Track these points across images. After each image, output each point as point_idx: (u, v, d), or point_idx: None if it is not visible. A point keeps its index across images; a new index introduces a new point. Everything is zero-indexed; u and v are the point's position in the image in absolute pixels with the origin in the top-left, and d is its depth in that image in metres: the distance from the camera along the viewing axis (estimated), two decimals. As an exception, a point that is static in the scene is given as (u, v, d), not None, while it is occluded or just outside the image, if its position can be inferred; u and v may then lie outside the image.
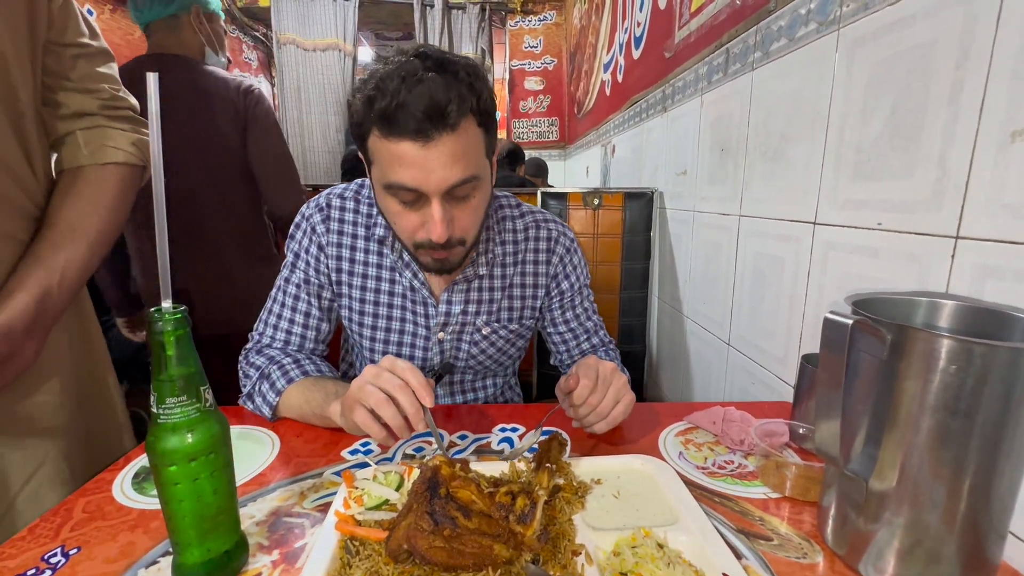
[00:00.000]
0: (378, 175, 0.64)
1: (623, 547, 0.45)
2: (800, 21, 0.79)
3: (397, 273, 0.78)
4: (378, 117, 0.58)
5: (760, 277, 0.94)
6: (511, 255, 0.81)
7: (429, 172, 0.59)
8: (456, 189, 0.62)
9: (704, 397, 1.24)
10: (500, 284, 0.81)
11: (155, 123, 0.37)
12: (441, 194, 0.61)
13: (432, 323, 0.80)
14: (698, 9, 1.22)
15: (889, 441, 0.42)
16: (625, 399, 0.64)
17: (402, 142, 0.58)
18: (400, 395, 0.52)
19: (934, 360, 0.38)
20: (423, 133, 0.57)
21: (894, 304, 0.49)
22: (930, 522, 0.41)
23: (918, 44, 0.57)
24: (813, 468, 0.54)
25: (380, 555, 0.43)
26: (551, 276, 0.84)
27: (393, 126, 0.57)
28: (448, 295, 0.78)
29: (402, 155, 0.58)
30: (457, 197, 0.63)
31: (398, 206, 0.64)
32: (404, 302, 0.79)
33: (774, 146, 0.88)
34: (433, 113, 0.56)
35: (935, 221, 0.55)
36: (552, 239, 0.84)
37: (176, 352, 0.38)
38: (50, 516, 0.52)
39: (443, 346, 0.82)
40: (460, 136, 0.59)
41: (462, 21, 3.40)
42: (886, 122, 0.62)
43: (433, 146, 0.58)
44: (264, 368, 0.74)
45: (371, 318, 0.80)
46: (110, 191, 0.68)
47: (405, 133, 0.57)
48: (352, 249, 0.78)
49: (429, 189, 0.60)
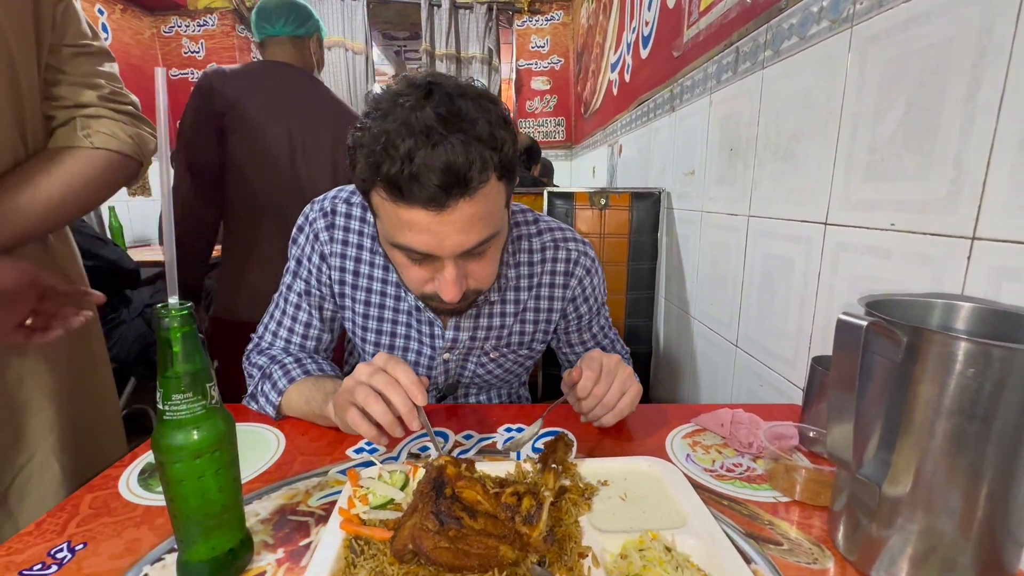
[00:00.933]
0: (384, 231, 0.58)
1: (630, 550, 0.44)
2: (812, 19, 0.78)
3: (403, 290, 0.73)
4: (386, 182, 0.51)
5: (769, 278, 0.93)
6: (526, 278, 0.75)
7: (443, 239, 0.53)
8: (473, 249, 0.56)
9: (711, 399, 1.23)
10: (512, 309, 0.75)
11: (163, 119, 0.37)
12: (456, 256, 0.56)
13: (438, 344, 0.76)
14: (707, 8, 1.21)
15: (903, 446, 0.41)
16: (631, 390, 0.63)
17: (413, 209, 0.51)
18: (391, 393, 0.51)
19: (951, 363, 0.37)
20: (437, 202, 0.50)
21: (909, 306, 0.48)
22: (945, 529, 0.40)
23: (934, 42, 0.56)
24: (823, 472, 0.54)
25: (385, 555, 0.43)
26: (568, 300, 0.78)
27: (404, 194, 0.50)
28: (456, 321, 0.74)
29: (412, 222, 0.52)
30: (473, 254, 0.57)
31: (405, 260, 0.58)
32: (409, 320, 0.75)
33: (784, 145, 0.87)
34: (451, 182, 0.49)
35: (951, 222, 0.54)
36: (571, 260, 0.77)
37: (182, 349, 0.38)
38: (57, 511, 0.52)
39: (448, 366, 0.78)
40: (479, 199, 0.52)
41: (469, 21, 3.40)
42: (900, 121, 0.61)
43: (448, 213, 0.51)
44: (266, 368, 0.73)
45: (374, 334, 0.76)
46: (92, 172, 0.67)
47: (417, 202, 0.50)
48: (357, 261, 0.73)
49: (443, 254, 0.55)
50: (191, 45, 3.42)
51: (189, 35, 3.41)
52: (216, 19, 3.39)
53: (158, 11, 3.34)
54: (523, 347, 0.79)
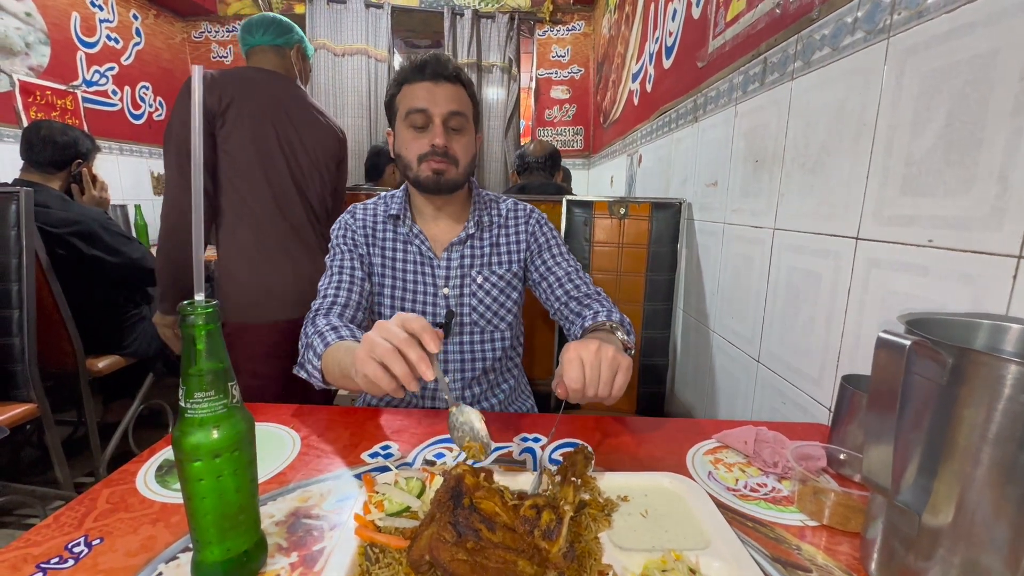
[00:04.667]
0: (401, 113, 0.89)
1: (653, 570, 0.43)
2: (846, 30, 0.77)
3: (409, 244, 0.97)
4: (408, 71, 0.88)
5: (795, 293, 0.91)
6: (495, 222, 1.01)
7: (436, 99, 0.86)
8: (451, 119, 0.87)
9: (730, 415, 1.20)
10: (488, 242, 1.00)
11: (197, 113, 0.37)
12: (442, 117, 0.86)
13: (438, 279, 0.96)
14: (734, 18, 1.20)
15: (946, 472, 0.39)
16: (622, 368, 0.61)
17: (420, 83, 0.87)
18: (405, 346, 0.54)
19: (1000, 387, 0.35)
20: (434, 77, 0.86)
21: (951, 325, 0.46)
22: (990, 564, 0.37)
23: (978, 53, 0.54)
24: (853, 496, 0.51)
25: (401, 564, 0.42)
26: (529, 233, 1.03)
27: (416, 74, 0.87)
28: (447, 253, 0.96)
29: (418, 91, 0.87)
30: (452, 128, 0.88)
31: (412, 133, 0.88)
32: (415, 266, 0.97)
33: (814, 158, 0.85)
34: (442, 67, 0.87)
35: (994, 239, 0.52)
36: (528, 210, 1.05)
37: (206, 346, 0.38)
38: (75, 505, 0.52)
39: (448, 301, 0.97)
40: (458, 90, 0.89)
41: (491, 30, 3.42)
42: (940, 135, 0.59)
43: (440, 87, 0.87)
44: (309, 338, 0.81)
45: (391, 280, 0.97)
46: None
47: (422, 78, 0.87)
48: (374, 229, 0.98)
49: (434, 112, 0.86)
50: (220, 50, 3.51)
51: (218, 40, 3.50)
52: (244, 25, 3.47)
53: (189, 17, 3.44)
54: (501, 268, 1.00)
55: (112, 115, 2.91)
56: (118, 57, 2.93)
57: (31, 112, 2.41)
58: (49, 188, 1.63)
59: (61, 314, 1.48)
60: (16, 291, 1.32)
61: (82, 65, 2.70)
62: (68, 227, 1.56)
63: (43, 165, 1.66)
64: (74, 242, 1.58)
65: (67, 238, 1.56)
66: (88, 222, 1.59)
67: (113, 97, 2.91)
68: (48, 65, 2.51)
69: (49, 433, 1.41)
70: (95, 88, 2.79)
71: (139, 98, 3.08)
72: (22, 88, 2.37)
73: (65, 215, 1.56)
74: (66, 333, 1.51)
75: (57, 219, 1.54)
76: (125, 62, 2.97)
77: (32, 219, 1.33)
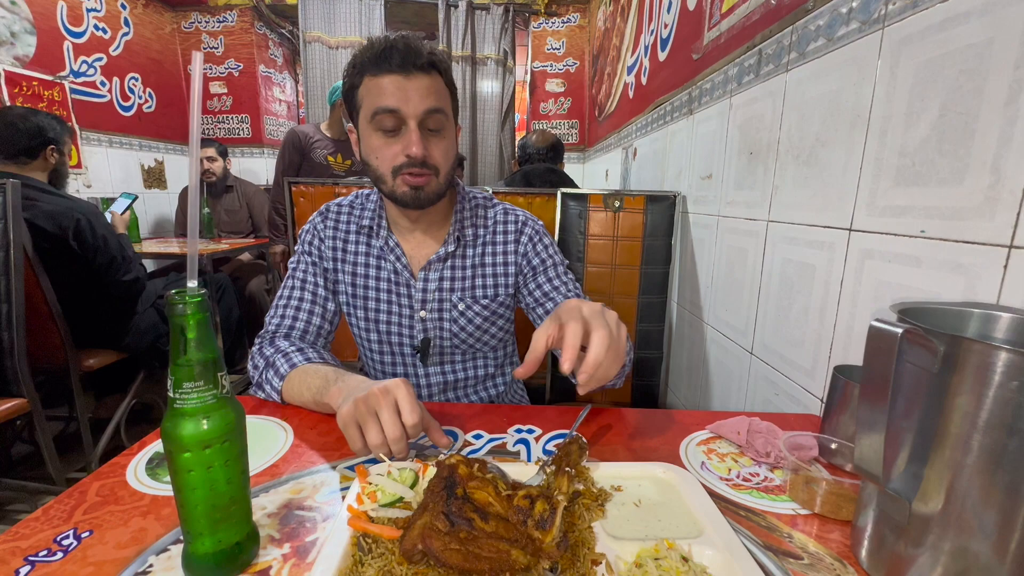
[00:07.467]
0: (366, 113, 0.73)
1: (645, 559, 0.43)
2: (840, 20, 0.77)
3: (383, 260, 0.87)
4: (370, 60, 0.70)
5: (788, 285, 0.91)
6: (480, 237, 0.88)
7: (409, 97, 0.70)
8: (429, 119, 0.72)
9: (723, 406, 1.20)
10: (471, 263, 0.87)
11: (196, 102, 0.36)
12: (418, 119, 0.71)
13: (414, 301, 0.86)
14: (729, 10, 1.19)
15: (937, 460, 0.39)
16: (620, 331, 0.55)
17: (388, 76, 0.70)
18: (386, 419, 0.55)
19: (991, 374, 0.35)
20: (404, 68, 0.70)
21: (943, 314, 0.46)
22: (980, 550, 0.38)
23: (972, 43, 0.54)
24: (844, 484, 0.52)
25: (393, 553, 0.42)
26: (521, 255, 0.89)
27: (381, 63, 0.70)
28: (424, 273, 0.85)
29: (386, 86, 0.70)
30: (430, 128, 0.74)
31: (381, 139, 0.73)
32: (389, 285, 0.87)
33: (808, 149, 0.85)
34: (413, 54, 0.70)
35: (986, 229, 0.52)
36: (520, 222, 0.90)
37: (196, 336, 0.37)
38: (64, 498, 0.52)
39: (426, 325, 0.87)
40: (434, 80, 0.72)
41: (486, 22, 3.39)
42: (933, 125, 0.59)
43: (412, 79, 0.70)
44: (271, 357, 0.77)
45: (362, 300, 0.88)
46: None
47: (390, 69, 0.70)
48: (345, 241, 0.87)
49: (408, 112, 0.71)
50: (210, 41, 3.46)
51: (209, 31, 3.45)
52: (235, 16, 3.43)
53: (179, 7, 3.39)
54: (486, 299, 0.88)
55: (101, 107, 2.87)
56: (107, 47, 2.88)
57: (17, 103, 2.37)
58: (33, 179, 1.58)
59: (51, 309, 1.46)
60: (3, 285, 1.30)
61: (69, 55, 2.66)
62: (56, 220, 1.54)
63: (14, 155, 1.59)
64: (63, 235, 1.55)
65: (55, 231, 1.54)
66: (78, 214, 1.57)
67: (102, 88, 2.87)
68: (34, 55, 2.47)
69: (40, 428, 1.39)
70: (83, 79, 2.75)
71: (128, 90, 3.03)
72: (7, 78, 2.33)
73: (52, 208, 1.53)
74: (56, 328, 1.49)
75: (44, 212, 1.52)
76: (114, 53, 2.92)
77: (19, 212, 1.31)
